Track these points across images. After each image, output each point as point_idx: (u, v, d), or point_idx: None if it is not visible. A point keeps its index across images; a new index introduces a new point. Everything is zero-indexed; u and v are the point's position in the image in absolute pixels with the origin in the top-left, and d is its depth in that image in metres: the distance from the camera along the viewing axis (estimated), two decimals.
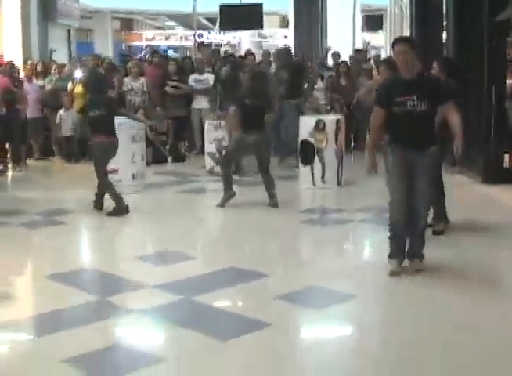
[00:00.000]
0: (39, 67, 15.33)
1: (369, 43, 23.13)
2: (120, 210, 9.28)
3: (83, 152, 13.99)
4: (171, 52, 35.57)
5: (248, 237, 8.21)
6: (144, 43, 37.01)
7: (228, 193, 9.62)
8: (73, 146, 14.46)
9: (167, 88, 14.54)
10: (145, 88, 14.53)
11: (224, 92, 13.45)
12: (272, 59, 15.59)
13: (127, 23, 41.95)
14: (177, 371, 4.70)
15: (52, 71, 15.28)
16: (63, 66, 15.68)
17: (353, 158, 13.21)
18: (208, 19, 42.40)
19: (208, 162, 12.63)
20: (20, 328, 5.48)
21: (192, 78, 14.51)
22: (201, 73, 14.64)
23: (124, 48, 35.49)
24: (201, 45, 33.14)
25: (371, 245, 8.03)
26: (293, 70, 13.38)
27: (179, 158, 14.24)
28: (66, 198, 10.67)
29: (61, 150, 14.79)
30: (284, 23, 39.37)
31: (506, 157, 10.54)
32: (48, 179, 12.84)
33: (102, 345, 5.09)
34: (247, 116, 9.65)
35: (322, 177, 10.99)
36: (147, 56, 19.71)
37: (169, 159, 14.10)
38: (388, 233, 6.49)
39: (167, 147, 14.39)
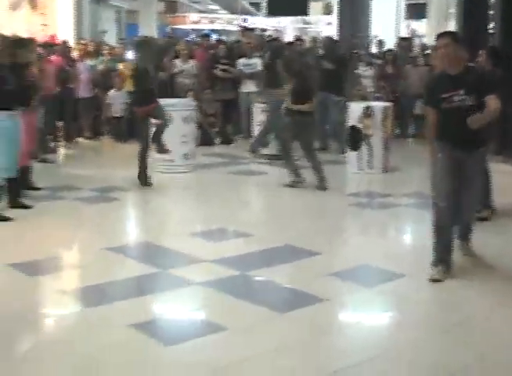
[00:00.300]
0: (91, 48, 15.62)
1: (415, 31, 23.09)
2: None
3: (132, 132, 14.33)
4: (214, 36, 35.74)
5: (299, 217, 8.45)
6: (189, 26, 37.15)
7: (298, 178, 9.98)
8: (122, 126, 14.76)
9: (217, 71, 14.77)
10: (195, 71, 14.78)
11: (264, 78, 13.59)
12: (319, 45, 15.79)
13: (171, 5, 42.10)
14: (237, 339, 4.93)
15: (104, 52, 15.61)
16: (114, 47, 15.98)
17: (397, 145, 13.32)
18: (252, 3, 42.53)
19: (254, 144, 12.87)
20: (87, 296, 5.75)
21: (241, 62, 14.70)
22: (250, 57, 14.84)
23: (168, 30, 35.68)
24: (246, 30, 33.38)
25: (418, 228, 8.19)
26: (338, 62, 13.52)
27: (227, 141, 14.49)
28: (117, 176, 10.93)
29: (111, 129, 15.12)
30: (327, 10, 39.25)
31: None
32: (98, 158, 13.15)
33: (166, 313, 5.37)
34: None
35: (369, 162, 11.17)
36: (194, 39, 19.97)
37: (216, 141, 14.35)
38: (432, 239, 6.27)
39: (216, 129, 14.65)
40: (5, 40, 8.56)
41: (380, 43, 17.06)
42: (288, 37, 27.69)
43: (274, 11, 25.26)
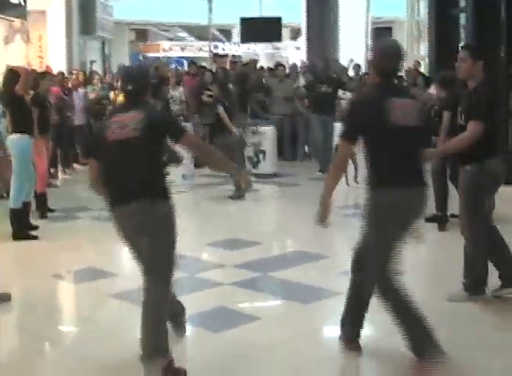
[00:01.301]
0: (80, 77, 16.41)
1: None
2: None
3: None
4: (186, 63, 36.64)
5: (300, 227, 9.25)
6: (161, 54, 38.09)
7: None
8: None
9: (204, 97, 15.62)
10: (183, 97, 15.65)
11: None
12: (299, 71, 16.76)
13: (142, 34, 43.12)
14: (271, 327, 5.78)
15: (95, 81, 16.41)
16: (104, 76, 16.81)
17: None
18: (220, 30, 43.61)
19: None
20: (137, 297, 6.55)
21: None
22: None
23: (141, 58, 36.54)
24: (218, 56, 34.33)
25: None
26: (333, 85, 14.38)
27: None
28: None
29: None
30: (295, 35, 40.34)
31: None
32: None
33: (208, 308, 6.20)
34: None
35: (356, 178, 12.07)
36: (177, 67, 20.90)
37: None
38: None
39: None
40: (30, 72, 9.33)
41: (358, 67, 18.00)
42: (261, 62, 28.66)
43: (247, 38, 26.11)
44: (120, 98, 15.33)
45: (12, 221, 8.80)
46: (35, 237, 8.81)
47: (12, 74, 8.91)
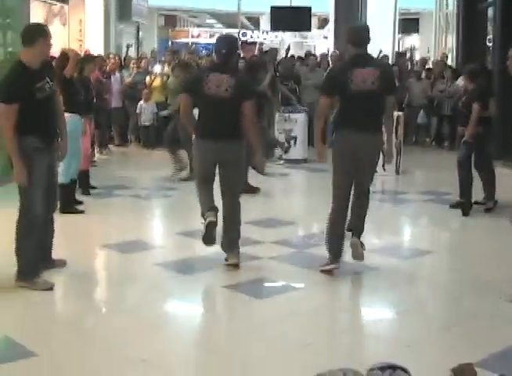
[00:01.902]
0: (117, 61, 16.90)
1: (414, 47, 24.44)
2: None
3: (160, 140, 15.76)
4: None
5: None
6: (190, 40, 38.55)
7: None
8: (151, 134, 16.10)
9: None
10: None
11: None
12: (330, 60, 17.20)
13: (171, 19, 43.58)
14: (312, 296, 6.30)
15: (131, 65, 16.94)
16: (141, 60, 17.31)
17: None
18: (248, 18, 44.06)
19: (277, 151, 14.23)
20: (180, 267, 7.08)
21: None
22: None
23: (170, 44, 37.05)
24: (245, 44, 34.76)
25: (439, 218, 9.54)
26: None
27: None
28: (158, 176, 12.24)
29: (139, 137, 16.47)
30: (321, 24, 40.69)
31: None
32: (135, 162, 14.43)
33: (249, 278, 6.70)
34: None
35: (383, 166, 12.51)
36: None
37: None
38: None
39: None
40: (77, 56, 9.80)
41: (386, 57, 18.39)
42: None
43: (277, 26, 26.50)
44: (157, 82, 15.91)
45: (60, 196, 9.31)
46: (81, 211, 9.32)
47: (63, 56, 9.40)
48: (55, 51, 14.23)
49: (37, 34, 6.23)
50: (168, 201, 10.47)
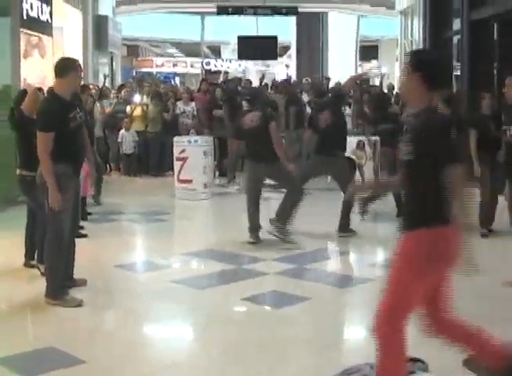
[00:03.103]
0: (97, 92, 17.38)
1: (385, 74, 25.31)
2: None
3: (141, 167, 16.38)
4: (178, 79, 37.70)
5: (325, 226, 10.26)
6: (154, 69, 39.11)
7: None
8: (133, 162, 16.61)
9: (215, 112, 16.68)
10: (195, 112, 16.73)
11: None
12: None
13: (134, 49, 44.12)
14: (320, 305, 6.85)
15: (112, 95, 17.46)
16: (121, 90, 17.83)
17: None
18: (209, 47, 44.76)
19: None
20: (197, 283, 7.60)
21: None
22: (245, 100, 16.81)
23: (134, 73, 37.51)
24: (208, 73, 35.49)
25: None
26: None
27: (223, 173, 16.35)
28: (147, 202, 12.77)
29: (120, 165, 16.96)
30: (281, 52, 41.47)
31: None
32: (120, 189, 14.84)
33: (262, 291, 7.27)
34: None
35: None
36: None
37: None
38: None
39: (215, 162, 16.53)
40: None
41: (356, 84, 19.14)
42: (252, 78, 29.77)
43: (244, 55, 27.28)
44: (138, 111, 16.47)
45: None
46: (85, 235, 9.76)
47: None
48: (34, 82, 14.88)
49: (69, 68, 6.76)
50: (163, 225, 10.95)
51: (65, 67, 6.78)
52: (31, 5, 14.47)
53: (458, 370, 4.93)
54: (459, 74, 15.76)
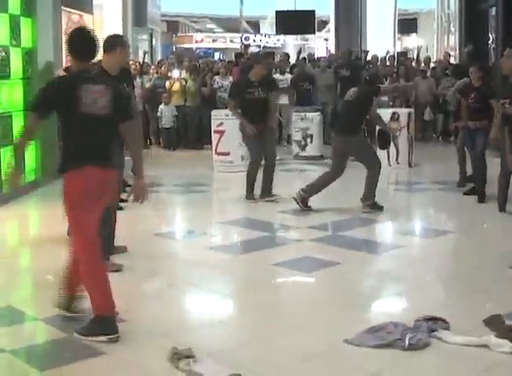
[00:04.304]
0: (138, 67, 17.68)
1: (421, 47, 25.35)
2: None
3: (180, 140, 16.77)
4: (217, 54, 37.99)
5: (353, 197, 10.45)
6: (194, 45, 39.47)
7: None
8: (171, 136, 16.97)
9: None
10: None
11: None
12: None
13: (173, 25, 44.51)
14: (349, 269, 7.13)
15: (151, 71, 17.81)
16: (161, 66, 18.18)
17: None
18: (248, 22, 44.99)
19: (294, 148, 15.10)
20: (234, 248, 7.99)
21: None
22: (282, 73, 17.08)
23: (174, 49, 37.90)
24: (247, 47, 35.70)
25: (455, 203, 10.42)
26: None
27: None
28: (186, 174, 13.12)
29: (160, 139, 17.35)
30: (320, 27, 41.52)
31: None
32: (160, 162, 15.17)
33: (292, 257, 7.57)
34: None
35: (397, 159, 13.40)
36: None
37: None
38: None
39: None
40: None
41: (393, 58, 19.32)
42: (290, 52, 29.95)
43: (282, 30, 27.43)
44: (176, 86, 16.81)
45: None
46: (121, 208, 10.04)
47: None
48: None
49: (117, 43, 7.06)
50: (201, 196, 11.30)
51: (113, 43, 7.06)
52: None
53: (478, 329, 5.22)
54: (494, 46, 15.83)
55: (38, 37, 11.89)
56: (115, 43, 7.07)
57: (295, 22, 26.01)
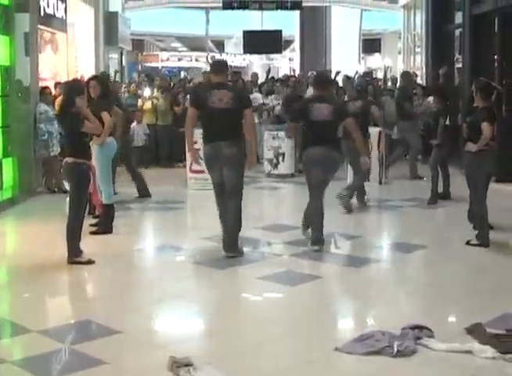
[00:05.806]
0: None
1: (389, 67, 25.77)
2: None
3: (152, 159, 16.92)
4: (183, 73, 38.14)
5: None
6: (160, 64, 39.61)
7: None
8: (143, 154, 17.08)
9: None
10: None
11: None
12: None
13: (139, 44, 44.59)
14: (330, 283, 7.35)
15: (122, 90, 17.94)
16: (130, 85, 18.34)
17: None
18: (213, 41, 45.29)
19: (266, 167, 15.30)
20: (218, 264, 8.13)
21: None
22: (251, 92, 17.32)
23: (140, 68, 37.93)
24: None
25: (428, 220, 10.80)
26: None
27: None
28: (162, 192, 13.22)
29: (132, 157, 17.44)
30: (286, 47, 41.98)
31: None
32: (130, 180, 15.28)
33: (275, 271, 7.77)
34: None
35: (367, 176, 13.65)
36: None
37: None
38: None
39: None
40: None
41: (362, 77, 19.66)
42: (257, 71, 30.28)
43: (250, 49, 27.77)
44: (148, 104, 16.97)
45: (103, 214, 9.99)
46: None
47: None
48: (46, 77, 15.36)
49: None
50: (178, 212, 11.48)
51: None
52: (48, 1, 14.90)
53: (460, 336, 5.48)
54: (460, 66, 16.20)
55: (16, 54, 12.01)
56: None
57: (262, 41, 26.29)
